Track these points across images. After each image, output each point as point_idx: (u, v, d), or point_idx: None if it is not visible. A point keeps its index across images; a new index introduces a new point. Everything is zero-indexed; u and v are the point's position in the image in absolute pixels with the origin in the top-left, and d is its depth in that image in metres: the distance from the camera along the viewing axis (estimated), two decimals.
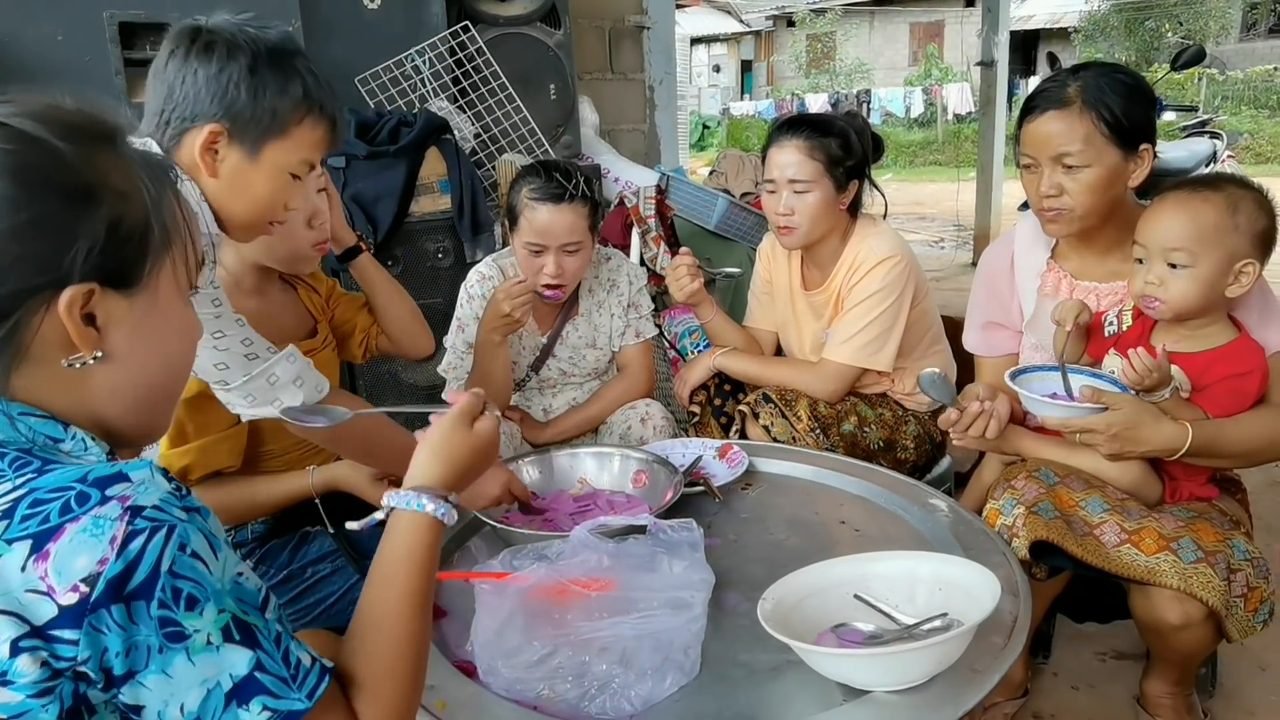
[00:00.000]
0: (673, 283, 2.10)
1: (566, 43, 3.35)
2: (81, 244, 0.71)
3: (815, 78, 22.41)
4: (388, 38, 2.85)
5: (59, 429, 0.74)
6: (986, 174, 6.83)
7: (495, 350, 1.99)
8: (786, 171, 1.99)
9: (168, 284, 0.79)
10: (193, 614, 0.65)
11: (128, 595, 0.63)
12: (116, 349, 0.76)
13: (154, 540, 0.64)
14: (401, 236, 2.74)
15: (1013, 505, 1.46)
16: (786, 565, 1.23)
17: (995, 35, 6.46)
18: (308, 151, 1.33)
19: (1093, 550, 1.42)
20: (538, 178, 1.97)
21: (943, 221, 9.23)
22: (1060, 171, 1.57)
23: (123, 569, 0.63)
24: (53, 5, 2.36)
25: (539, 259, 1.97)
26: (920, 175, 13.92)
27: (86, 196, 0.72)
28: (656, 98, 4.50)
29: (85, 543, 0.62)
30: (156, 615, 0.64)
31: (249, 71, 1.24)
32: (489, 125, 3.02)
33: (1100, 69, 1.59)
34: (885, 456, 2.03)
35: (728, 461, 1.74)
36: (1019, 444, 1.65)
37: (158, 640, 0.64)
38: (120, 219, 0.74)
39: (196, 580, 0.66)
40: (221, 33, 1.25)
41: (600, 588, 1.11)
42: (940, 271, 6.59)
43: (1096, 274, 1.69)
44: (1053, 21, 20.01)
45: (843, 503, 1.62)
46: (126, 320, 0.76)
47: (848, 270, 2.04)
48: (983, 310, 1.84)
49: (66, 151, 0.72)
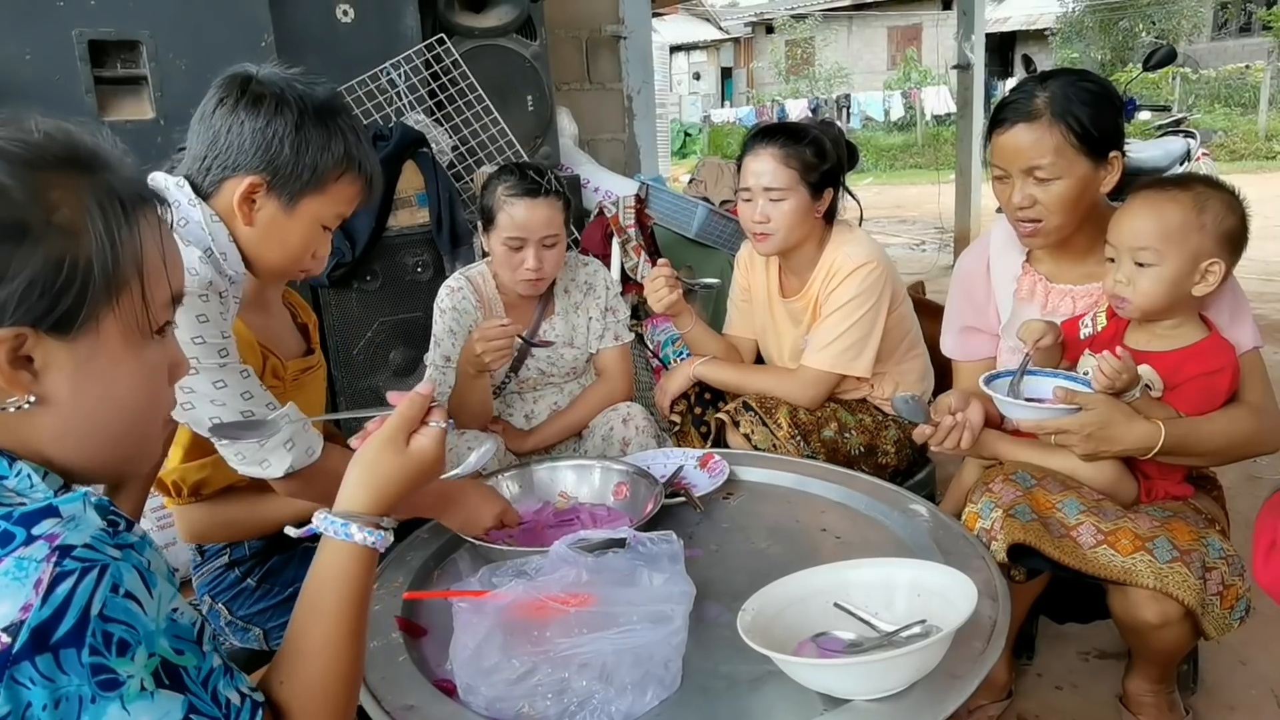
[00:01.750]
0: (651, 294, 2.11)
1: (543, 53, 3.36)
2: (11, 285, 0.67)
3: (795, 83, 22.52)
4: (362, 51, 2.84)
5: (3, 465, 0.70)
6: (965, 176, 6.88)
7: (473, 383, 2.02)
8: (762, 179, 2.00)
9: (118, 327, 0.74)
10: (124, 659, 0.62)
11: (55, 644, 0.59)
12: (57, 393, 0.72)
13: (84, 582, 0.61)
14: (380, 250, 2.74)
15: (991, 508, 1.47)
16: (768, 574, 1.23)
17: (971, 38, 6.52)
18: (342, 206, 1.37)
19: (1070, 552, 1.43)
20: (512, 175, 2.03)
21: (924, 224, 9.28)
22: (1032, 183, 1.58)
23: (50, 615, 0.59)
24: (20, 24, 2.34)
25: (519, 254, 2.01)
26: (901, 178, 13.99)
27: (22, 234, 0.68)
28: (635, 107, 4.51)
29: (7, 587, 0.59)
30: (88, 663, 0.60)
31: (295, 128, 1.27)
32: (466, 138, 3.01)
33: (1067, 77, 1.59)
34: (866, 462, 2.03)
35: (709, 471, 1.74)
36: (996, 448, 1.65)
37: (90, 689, 0.60)
38: (60, 260, 0.69)
39: (128, 623, 0.63)
40: (270, 86, 1.28)
41: (580, 603, 1.11)
42: (923, 274, 6.62)
43: (1071, 277, 1.70)
44: (1028, 23, 20.20)
45: (824, 510, 1.62)
46: (68, 364, 0.72)
47: (824, 277, 2.05)
48: (959, 315, 1.85)
49: (9, 185, 0.68)
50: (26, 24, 2.34)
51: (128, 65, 2.52)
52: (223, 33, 2.57)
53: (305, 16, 2.75)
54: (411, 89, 2.90)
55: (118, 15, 2.45)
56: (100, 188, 0.73)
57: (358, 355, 2.77)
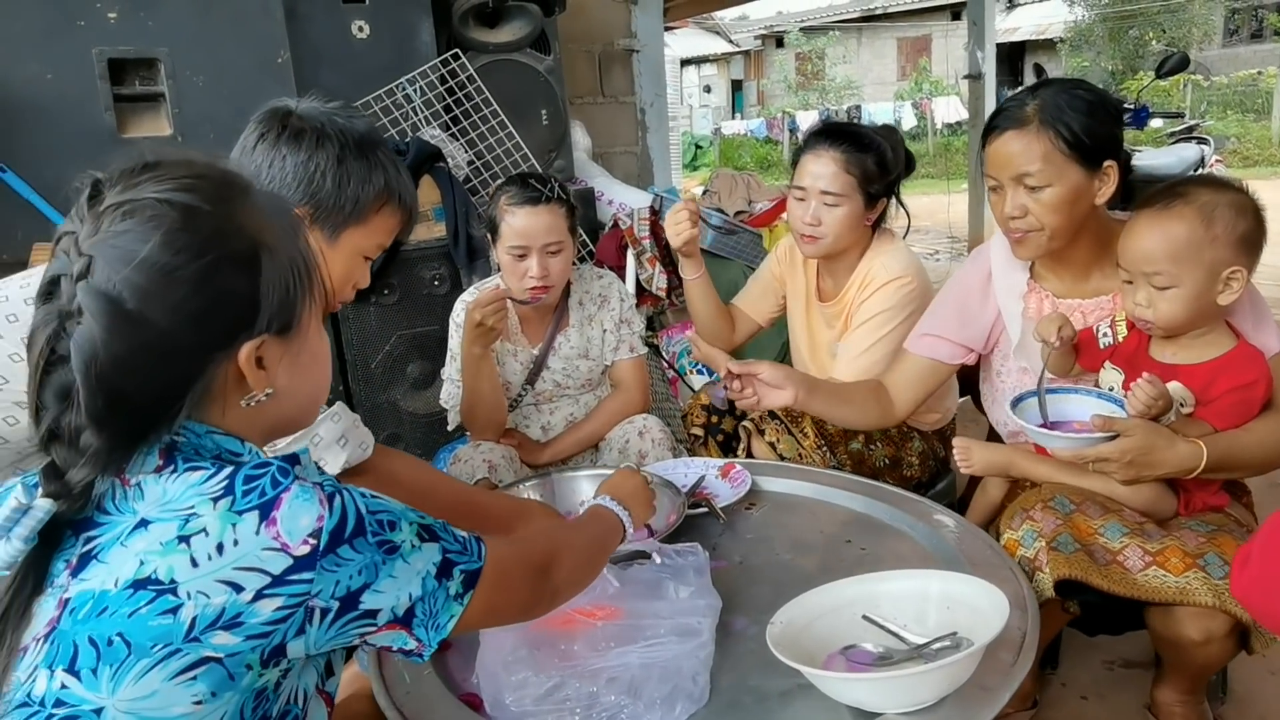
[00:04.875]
0: (671, 227, 2.11)
1: (556, 68, 3.37)
2: (260, 305, 0.83)
3: (805, 95, 22.55)
4: (378, 67, 2.86)
5: (238, 444, 0.85)
6: (977, 186, 6.86)
7: (479, 364, 2.01)
8: (819, 182, 1.96)
9: (312, 316, 0.90)
10: (396, 531, 0.83)
11: (349, 536, 0.78)
12: (280, 384, 0.87)
13: (346, 495, 0.80)
14: (397, 265, 2.74)
15: (1033, 538, 1.42)
16: (794, 586, 1.22)
17: (981, 49, 6.52)
18: (383, 236, 1.38)
19: (1119, 579, 1.38)
20: (514, 185, 2.04)
21: (936, 234, 9.25)
22: (1023, 192, 1.55)
23: (338, 520, 0.78)
24: (42, 45, 2.37)
25: (523, 263, 2.01)
26: (912, 188, 13.91)
27: (257, 259, 0.82)
28: (648, 120, 4.52)
29: (302, 507, 0.77)
30: (374, 541, 0.80)
31: (336, 161, 1.29)
32: (482, 152, 3.02)
33: (1061, 85, 1.57)
34: (891, 474, 2.01)
35: (730, 481, 1.73)
36: (1026, 468, 1.62)
37: (380, 557, 0.81)
38: (280, 274, 0.84)
39: (386, 509, 0.83)
40: (311, 121, 1.30)
41: (607, 616, 1.10)
42: (936, 283, 6.58)
43: (1079, 291, 1.68)
44: (1038, 33, 20.18)
45: (848, 521, 1.61)
46: (284, 357, 0.87)
47: (859, 285, 2.03)
48: (941, 324, 1.81)
49: (226, 222, 0.81)
50: (49, 44, 2.37)
51: (146, 83, 2.54)
52: (239, 50, 2.60)
53: (321, 33, 2.77)
54: (427, 104, 2.91)
55: (136, 34, 2.47)
56: (261, 202, 0.86)
57: (376, 368, 2.78)
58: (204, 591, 0.73)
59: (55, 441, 0.77)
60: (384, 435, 2.83)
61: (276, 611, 0.75)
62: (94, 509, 0.79)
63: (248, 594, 0.74)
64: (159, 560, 0.73)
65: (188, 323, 0.78)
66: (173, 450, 0.81)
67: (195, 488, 0.77)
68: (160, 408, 0.80)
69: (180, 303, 0.78)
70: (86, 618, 0.73)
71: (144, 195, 0.79)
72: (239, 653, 0.74)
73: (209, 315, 0.80)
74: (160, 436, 0.81)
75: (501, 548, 0.94)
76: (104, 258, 0.76)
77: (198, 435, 0.83)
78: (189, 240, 0.78)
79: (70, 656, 0.72)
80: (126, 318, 0.76)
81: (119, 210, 0.78)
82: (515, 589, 0.96)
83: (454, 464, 2.04)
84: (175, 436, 0.82)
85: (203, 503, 0.76)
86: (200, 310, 0.79)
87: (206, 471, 0.79)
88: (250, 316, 0.83)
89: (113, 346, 0.75)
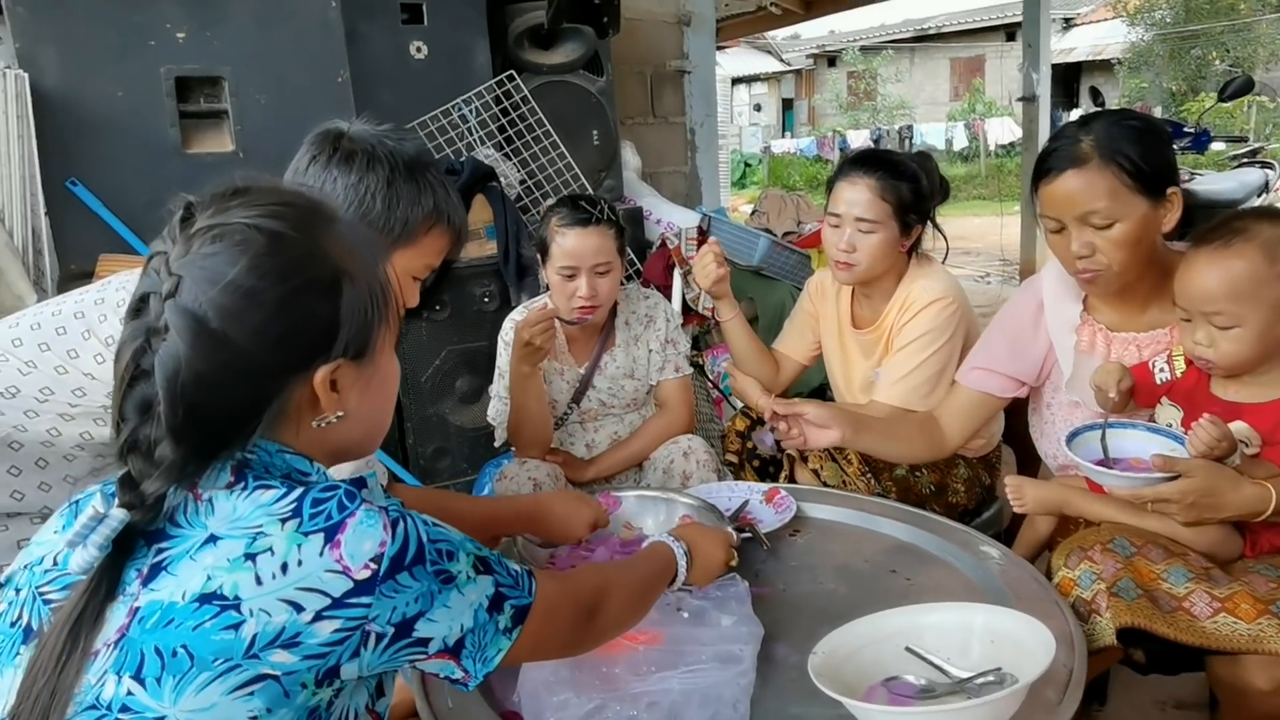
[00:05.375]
0: (699, 269, 2.12)
1: (609, 89, 3.41)
2: (339, 330, 0.85)
3: (856, 114, 22.45)
4: (435, 87, 2.92)
5: (306, 464, 0.88)
6: (1030, 209, 6.77)
7: (527, 382, 2.04)
8: (854, 209, 1.96)
9: (385, 342, 0.92)
10: (454, 561, 0.85)
11: (409, 564, 0.80)
12: (350, 407, 0.90)
13: (410, 522, 0.82)
14: (449, 282, 2.79)
15: (1092, 580, 1.37)
16: (836, 616, 1.21)
17: (1036, 70, 6.44)
18: (432, 257, 1.40)
19: (1185, 627, 1.32)
20: (564, 207, 2.07)
21: (988, 256, 9.13)
22: (1089, 231, 1.51)
23: (400, 547, 0.80)
24: (115, 63, 2.46)
25: (572, 283, 2.04)
26: (964, 209, 13.82)
27: (338, 286, 0.85)
28: (698, 140, 4.54)
29: (366, 532, 0.79)
30: (432, 570, 0.82)
31: (386, 184, 1.31)
32: (534, 171, 3.07)
33: (1108, 118, 1.53)
34: (936, 501, 1.99)
35: (775, 507, 1.72)
36: (1081, 507, 1.58)
37: (437, 586, 0.83)
38: (359, 301, 0.87)
39: (447, 539, 0.85)
40: (361, 143, 1.32)
41: (648, 641, 1.11)
42: (987, 306, 6.51)
43: (1135, 324, 1.64)
44: (1094, 54, 19.87)
45: (893, 549, 1.59)
46: (358, 381, 0.90)
47: (899, 310, 2.02)
48: (990, 357, 1.78)
49: (312, 249, 0.84)
50: (121, 63, 2.46)
51: (210, 100, 2.63)
52: (301, 69, 2.67)
53: (380, 53, 2.84)
54: (482, 124, 2.97)
55: (203, 53, 2.56)
56: (344, 230, 0.89)
57: (425, 383, 2.82)
58: (266, 610, 0.75)
59: (133, 452, 0.80)
60: (432, 448, 2.87)
61: (334, 633, 0.77)
62: (166, 521, 0.81)
63: (308, 614, 0.76)
64: (225, 576, 0.76)
65: (268, 344, 0.81)
66: (244, 468, 0.83)
67: (265, 507, 0.79)
68: (236, 425, 0.82)
69: (262, 325, 0.80)
70: (154, 628, 0.75)
71: (233, 220, 0.82)
72: (295, 671, 0.76)
73: (289, 338, 0.83)
74: (233, 453, 0.83)
75: (551, 584, 0.96)
76: (192, 278, 0.79)
77: (269, 454, 0.85)
78: (274, 265, 0.81)
79: (137, 664, 0.74)
80: (210, 337, 0.78)
81: (209, 233, 0.81)
82: (561, 627, 0.96)
83: (500, 481, 2.06)
84: (247, 454, 0.84)
85: (271, 523, 0.78)
86: (281, 333, 0.82)
87: (276, 492, 0.81)
88: (328, 341, 0.85)
89: (195, 364, 0.78)
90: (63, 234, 2.42)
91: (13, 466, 1.27)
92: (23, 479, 1.28)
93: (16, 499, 1.28)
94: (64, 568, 0.80)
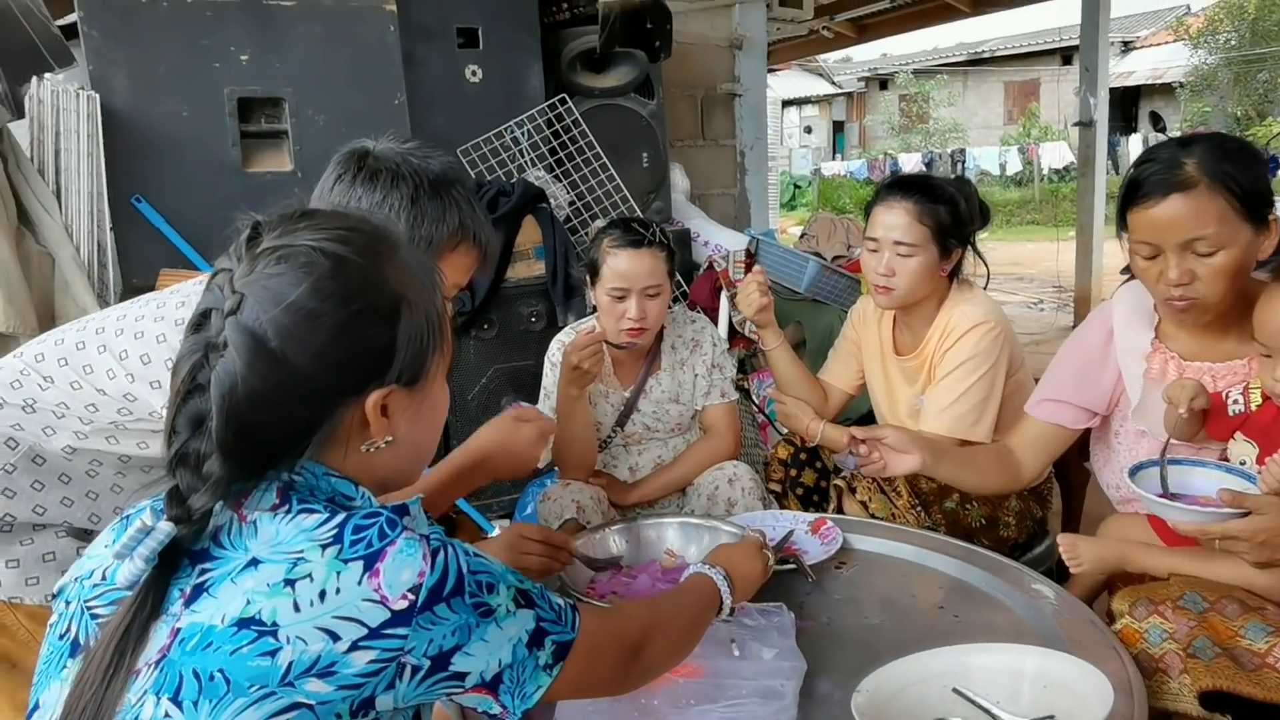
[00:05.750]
0: (743, 298, 2.12)
1: (659, 112, 3.43)
2: (394, 357, 0.86)
3: (908, 137, 22.29)
4: (489, 110, 2.96)
5: (352, 488, 0.88)
6: (1086, 235, 6.62)
7: (573, 405, 2.04)
8: (892, 233, 1.96)
9: (438, 369, 0.92)
10: (494, 594, 0.83)
11: (447, 595, 0.79)
12: (399, 433, 0.90)
13: (451, 552, 0.81)
14: (497, 301, 2.82)
15: (1162, 637, 1.30)
16: (882, 652, 1.19)
17: (1094, 95, 6.33)
18: (458, 276, 1.40)
19: (1275, 685, 1.23)
20: (617, 228, 2.08)
21: (1041, 282, 8.98)
22: (1191, 258, 1.45)
23: (439, 578, 0.79)
24: (181, 84, 2.53)
25: (621, 304, 2.03)
26: (1017, 234, 13.60)
27: (397, 313, 0.86)
28: (747, 162, 4.54)
29: (405, 561, 0.78)
30: (470, 603, 0.81)
31: (410, 201, 1.30)
32: (583, 193, 3.09)
33: (1209, 140, 1.48)
34: (987, 534, 1.94)
35: (821, 538, 1.69)
36: (1142, 562, 1.51)
37: (475, 619, 0.81)
38: (416, 329, 0.87)
39: (488, 571, 0.83)
40: (386, 161, 1.32)
41: (688, 674, 1.09)
42: (1040, 334, 6.39)
43: (1210, 354, 1.57)
44: (1154, 77, 19.50)
45: (941, 585, 1.56)
46: (409, 408, 0.90)
47: (940, 336, 2.00)
48: (1059, 387, 1.73)
49: (375, 275, 0.85)
50: (187, 84, 2.53)
51: (271, 120, 2.69)
52: (359, 91, 2.73)
53: (436, 76, 2.89)
54: (533, 146, 3.00)
55: (265, 75, 2.62)
56: (407, 257, 0.90)
57: (471, 401, 2.85)
58: (302, 637, 0.74)
59: (182, 466, 0.80)
60: None
61: (369, 664, 0.76)
62: (211, 541, 0.81)
63: (344, 644, 0.75)
64: (265, 601, 0.75)
65: (325, 366, 0.82)
66: (289, 490, 0.83)
67: (307, 532, 0.79)
68: (286, 445, 0.83)
69: (321, 347, 0.81)
70: (193, 650, 0.75)
71: (299, 242, 0.83)
72: (330, 701, 0.75)
73: (346, 362, 0.83)
74: (280, 473, 0.83)
75: (595, 620, 0.94)
76: (255, 297, 0.80)
77: (315, 476, 0.85)
78: (336, 289, 0.82)
79: (176, 686, 0.74)
80: (268, 356, 0.79)
81: (274, 254, 0.82)
82: (605, 665, 0.94)
83: (543, 502, 2.06)
84: (294, 476, 0.84)
85: (312, 548, 0.78)
86: (338, 356, 0.82)
87: (319, 516, 0.80)
88: (384, 367, 0.86)
89: (251, 381, 0.79)
90: (126, 249, 2.49)
91: (36, 481, 1.29)
92: (45, 493, 1.29)
93: (39, 513, 1.29)
94: (111, 582, 0.81)
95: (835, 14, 7.67)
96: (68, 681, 0.79)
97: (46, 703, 0.80)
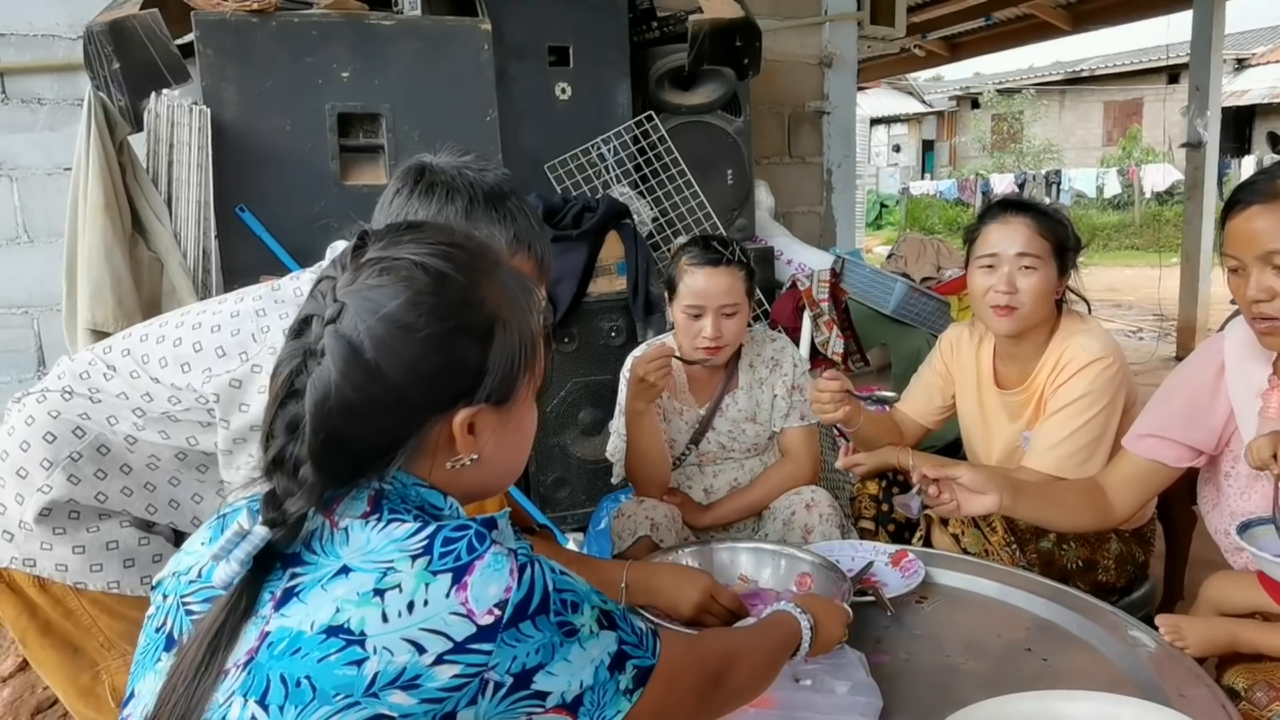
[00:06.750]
0: (815, 404, 2.01)
1: (746, 129, 3.41)
2: (485, 376, 0.86)
3: (1000, 157, 21.73)
4: (577, 127, 2.99)
5: (440, 499, 0.88)
6: (1192, 262, 6.35)
7: (641, 420, 2.03)
8: (1013, 247, 1.87)
9: (527, 390, 0.92)
10: (578, 614, 0.82)
11: (532, 613, 0.78)
12: (485, 452, 0.90)
13: (537, 569, 0.80)
14: (578, 316, 2.84)
15: None
16: (963, 693, 1.14)
17: (1203, 115, 6.06)
18: None
19: None
20: (695, 246, 2.07)
21: (1141, 310, 8.62)
22: (1271, 273, 1.37)
23: (525, 594, 0.78)
24: (285, 99, 2.63)
25: (697, 322, 2.03)
26: (1115, 259, 13.11)
27: (491, 333, 0.86)
28: (834, 180, 4.49)
29: (493, 576, 0.78)
30: (555, 621, 0.80)
31: (464, 214, 1.31)
32: (666, 210, 3.09)
33: None
34: (1084, 578, 1.85)
35: (902, 570, 1.64)
36: (1255, 642, 1.40)
37: (559, 638, 0.80)
38: (509, 350, 0.87)
39: (573, 589, 0.83)
40: (443, 174, 1.34)
41: (760, 705, 1.07)
42: (1139, 364, 6.12)
43: None
44: (1272, 96, 18.56)
45: (1029, 626, 1.49)
46: (497, 428, 0.90)
47: (1052, 369, 1.89)
48: (1164, 424, 1.62)
49: (470, 288, 0.86)
50: (291, 100, 2.63)
51: (368, 135, 2.77)
52: (453, 107, 2.79)
53: (527, 93, 2.94)
54: (619, 163, 3.02)
55: (364, 91, 2.70)
56: (506, 277, 0.90)
57: (549, 413, 2.87)
58: (389, 648, 0.74)
59: (278, 470, 0.81)
60: (551, 478, 2.91)
61: (453, 679, 0.75)
62: (303, 546, 0.82)
63: (429, 657, 0.75)
64: (354, 610, 0.76)
65: (416, 381, 0.82)
66: (380, 498, 0.84)
67: (398, 542, 0.79)
68: (373, 457, 0.84)
69: (414, 361, 0.82)
70: (281, 655, 0.76)
71: (402, 255, 0.84)
72: (412, 714, 0.74)
73: (437, 378, 0.84)
74: (370, 482, 0.84)
75: (677, 646, 0.92)
76: (354, 307, 0.81)
77: (404, 485, 0.86)
78: (434, 304, 0.82)
79: (263, 690, 0.75)
80: (363, 366, 0.80)
81: (378, 265, 0.84)
82: (685, 693, 0.93)
83: (618, 518, 2.06)
84: (385, 484, 0.85)
85: (402, 559, 0.78)
86: (430, 372, 0.83)
87: (410, 527, 0.80)
88: (474, 385, 0.86)
89: (344, 390, 0.80)
90: (229, 256, 2.58)
91: (99, 469, 1.34)
92: (107, 482, 1.34)
93: (100, 500, 1.34)
94: (208, 580, 0.83)
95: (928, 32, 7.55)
96: (161, 674, 0.81)
97: (142, 693, 0.83)
